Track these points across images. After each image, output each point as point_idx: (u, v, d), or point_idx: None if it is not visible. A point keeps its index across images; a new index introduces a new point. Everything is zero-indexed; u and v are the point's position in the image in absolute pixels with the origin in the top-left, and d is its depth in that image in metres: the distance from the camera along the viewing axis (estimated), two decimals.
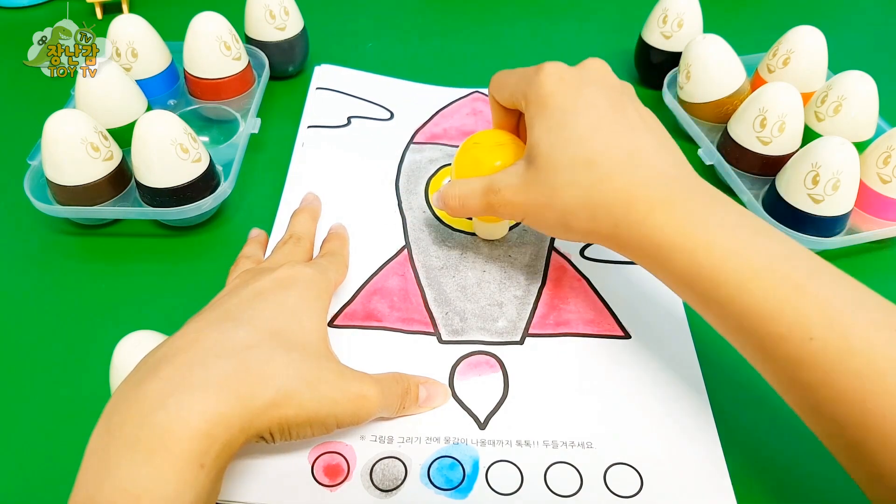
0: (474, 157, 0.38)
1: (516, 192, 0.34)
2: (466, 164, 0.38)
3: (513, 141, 0.38)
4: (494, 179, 0.35)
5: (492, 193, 0.35)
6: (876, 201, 0.43)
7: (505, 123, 0.39)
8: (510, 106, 0.37)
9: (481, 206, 0.36)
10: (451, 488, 0.31)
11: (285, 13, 0.53)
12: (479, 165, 0.37)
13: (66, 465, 0.26)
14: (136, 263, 0.42)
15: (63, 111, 0.39)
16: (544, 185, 0.32)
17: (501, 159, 0.36)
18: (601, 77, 0.34)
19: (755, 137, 0.44)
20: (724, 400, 0.35)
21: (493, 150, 0.37)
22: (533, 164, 0.33)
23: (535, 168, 0.33)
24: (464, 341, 0.37)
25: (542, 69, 0.34)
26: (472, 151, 0.38)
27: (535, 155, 0.33)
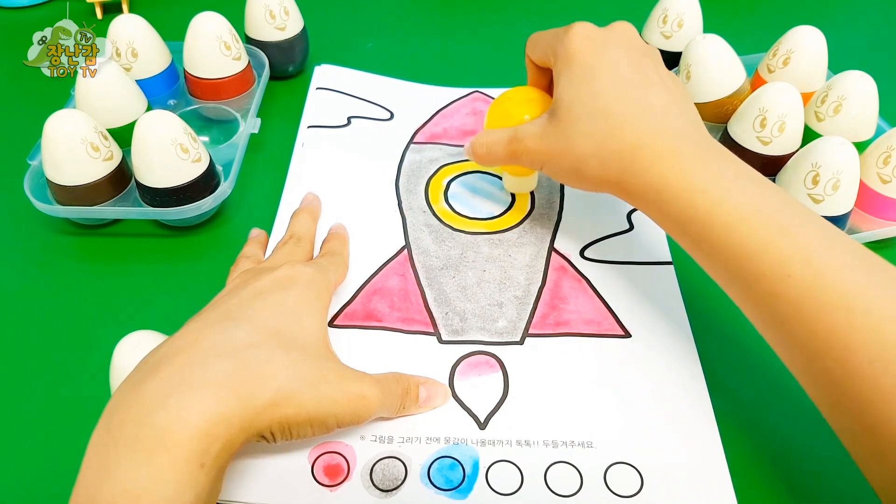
0: (505, 110, 0.40)
1: (538, 140, 0.36)
2: (497, 116, 0.41)
3: (542, 97, 0.40)
4: (519, 129, 0.38)
5: (515, 142, 0.37)
6: (876, 201, 0.43)
7: (537, 81, 0.41)
8: (542, 64, 0.39)
9: (506, 154, 0.38)
10: (452, 488, 0.31)
11: (285, 13, 0.53)
12: (509, 118, 0.39)
13: (66, 465, 0.26)
14: (136, 263, 0.42)
15: (63, 111, 0.39)
16: (563, 134, 0.35)
17: (529, 113, 0.39)
18: (626, 38, 0.36)
19: (755, 137, 0.44)
20: (725, 399, 0.35)
21: (523, 105, 0.40)
22: (555, 115, 0.35)
23: (557, 119, 0.35)
24: (464, 341, 0.37)
25: (571, 28, 0.36)
26: (503, 105, 0.41)
27: (558, 106, 0.35)
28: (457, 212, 0.44)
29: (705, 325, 0.38)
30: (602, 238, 0.43)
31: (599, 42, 0.35)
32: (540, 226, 0.44)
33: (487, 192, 0.46)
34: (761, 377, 0.36)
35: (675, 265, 0.41)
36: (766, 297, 0.29)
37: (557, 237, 0.43)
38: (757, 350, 0.37)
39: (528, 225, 0.44)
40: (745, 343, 0.38)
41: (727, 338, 0.38)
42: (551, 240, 0.43)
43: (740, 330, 0.38)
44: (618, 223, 0.44)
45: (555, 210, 0.45)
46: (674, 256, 0.42)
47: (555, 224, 0.44)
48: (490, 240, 0.43)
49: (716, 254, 0.31)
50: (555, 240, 0.43)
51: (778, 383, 0.36)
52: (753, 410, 0.35)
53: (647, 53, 0.36)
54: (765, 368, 0.37)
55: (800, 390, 0.35)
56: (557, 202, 0.45)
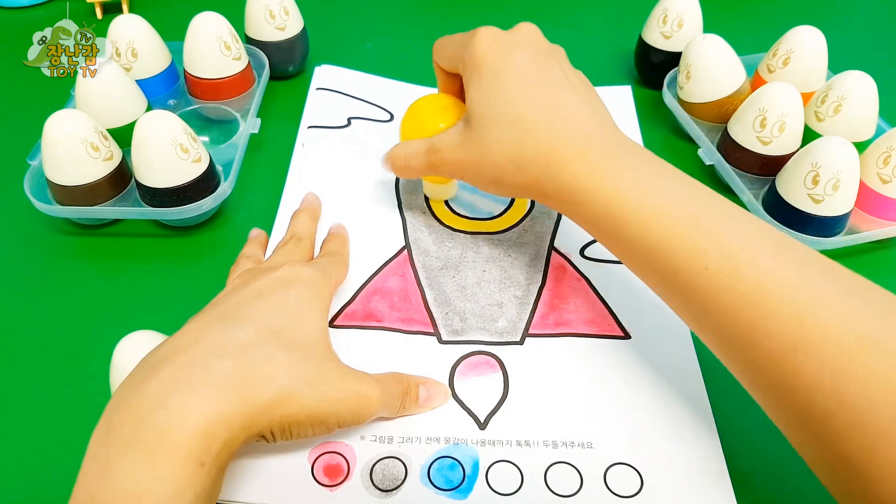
0: (418, 120, 0.40)
1: (455, 150, 0.36)
2: (412, 126, 0.40)
3: (455, 104, 0.40)
4: (435, 140, 0.37)
5: (433, 153, 0.37)
6: (876, 201, 0.43)
7: (449, 87, 0.41)
8: (451, 70, 0.39)
9: (424, 166, 0.38)
10: (452, 488, 0.31)
11: (285, 13, 0.53)
12: (424, 127, 0.39)
13: (66, 465, 0.26)
14: (136, 263, 0.42)
15: (63, 111, 0.39)
16: (478, 143, 0.35)
17: (444, 121, 0.39)
18: (531, 40, 0.36)
19: (755, 137, 0.44)
20: (724, 400, 0.35)
21: (437, 113, 0.39)
22: (469, 124, 0.35)
23: (471, 127, 0.35)
24: (464, 341, 0.37)
25: (476, 33, 0.36)
26: (416, 115, 0.40)
27: (470, 115, 0.35)
28: (456, 212, 0.44)
29: None
30: None
31: (505, 46, 0.35)
32: (540, 225, 0.44)
33: (487, 193, 0.46)
34: None
35: None
36: (685, 290, 0.30)
37: (557, 236, 0.43)
38: None
39: (527, 224, 0.44)
40: None
41: None
42: (551, 239, 0.43)
43: None
44: None
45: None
46: None
47: (554, 223, 0.44)
48: (490, 240, 0.43)
49: (632, 251, 0.31)
50: (554, 239, 0.43)
51: None
52: (752, 410, 0.35)
53: (552, 54, 0.36)
54: None
55: None
56: None
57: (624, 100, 0.55)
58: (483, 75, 0.35)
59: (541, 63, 0.35)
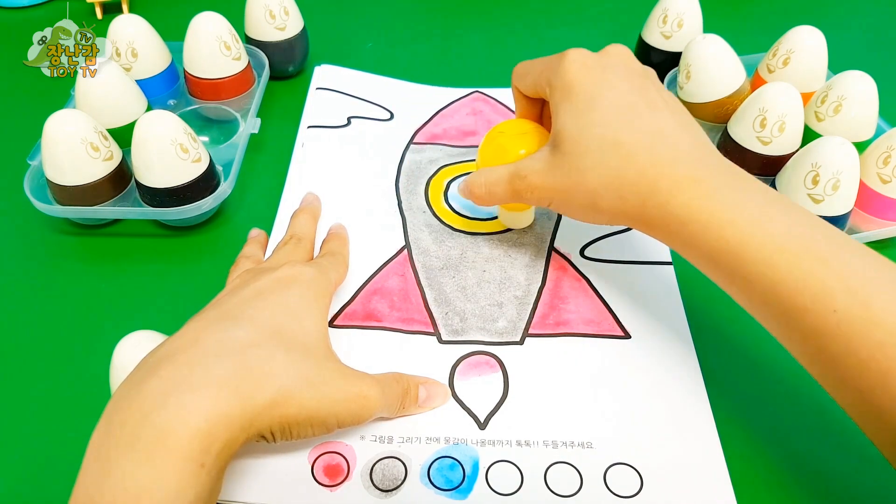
0: (500, 146, 0.38)
1: (543, 176, 0.34)
2: (491, 152, 0.39)
3: (536, 129, 0.38)
4: (520, 166, 0.35)
5: (518, 179, 0.35)
6: (876, 201, 0.43)
7: (528, 113, 0.40)
8: (533, 95, 0.38)
9: (508, 193, 0.36)
10: (451, 489, 0.31)
11: (285, 13, 0.53)
12: (505, 154, 0.37)
13: (66, 465, 0.26)
14: (136, 263, 0.42)
15: (63, 111, 0.39)
16: (571, 168, 0.33)
17: (526, 147, 0.37)
18: (623, 62, 0.35)
19: (755, 137, 0.44)
20: (724, 400, 0.35)
21: (518, 139, 0.38)
22: (559, 148, 0.34)
23: (562, 152, 0.33)
24: (464, 341, 0.37)
25: (565, 56, 0.34)
26: (497, 140, 0.39)
27: (561, 140, 0.33)
28: (457, 212, 0.44)
29: (704, 326, 0.38)
30: (602, 237, 0.43)
31: (597, 68, 0.34)
32: (540, 225, 0.44)
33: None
34: (760, 377, 0.36)
35: (674, 265, 0.41)
36: (810, 332, 0.28)
37: (557, 236, 0.43)
38: (756, 350, 0.37)
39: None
40: (744, 343, 0.38)
41: (726, 338, 0.38)
42: (551, 239, 0.43)
43: (739, 330, 0.38)
44: None
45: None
46: (673, 256, 0.42)
47: (555, 223, 0.44)
48: (490, 240, 0.43)
49: (752, 288, 0.29)
50: (555, 239, 0.43)
51: (777, 383, 0.36)
52: (752, 410, 0.35)
53: (646, 76, 0.35)
54: (763, 368, 0.37)
55: (799, 390, 0.36)
56: None
57: None
58: (575, 99, 0.33)
59: (637, 85, 0.33)
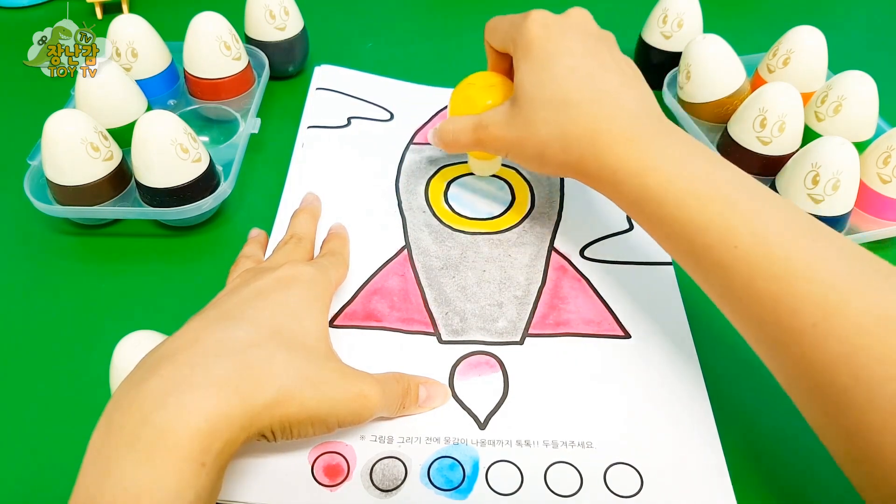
0: (468, 97, 0.41)
1: (502, 128, 0.37)
2: (461, 102, 0.41)
3: (503, 82, 0.41)
4: (483, 117, 0.39)
5: (480, 129, 0.39)
6: (876, 201, 0.43)
7: (498, 66, 0.42)
8: (501, 50, 0.40)
9: (471, 141, 0.40)
10: (451, 489, 0.31)
11: (285, 13, 0.53)
12: (472, 104, 0.40)
13: (66, 465, 0.26)
14: (136, 263, 0.42)
15: (63, 111, 0.39)
16: (525, 122, 0.36)
17: (492, 98, 0.40)
18: (582, 24, 0.37)
19: (755, 137, 0.44)
20: (724, 400, 0.35)
21: (485, 91, 0.40)
22: (517, 102, 0.37)
23: (518, 106, 0.36)
24: (464, 341, 0.37)
25: (528, 16, 0.37)
26: (466, 91, 0.41)
27: (519, 94, 0.36)
28: (457, 212, 0.44)
29: (705, 326, 0.38)
30: (602, 238, 0.43)
31: (556, 29, 0.36)
32: (540, 225, 0.44)
33: (487, 193, 0.46)
34: (760, 377, 0.36)
35: (674, 265, 0.41)
36: (714, 267, 0.31)
37: (557, 237, 0.43)
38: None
39: (527, 225, 0.44)
40: (744, 343, 0.38)
41: (726, 338, 0.38)
42: (551, 239, 0.43)
43: None
44: (618, 223, 0.44)
45: (555, 210, 0.45)
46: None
47: (555, 224, 0.44)
48: (490, 240, 0.43)
49: (668, 229, 0.32)
50: (555, 239, 0.43)
51: (777, 383, 0.36)
52: (752, 410, 0.35)
53: (601, 38, 0.37)
54: (764, 368, 0.36)
55: None
56: (557, 202, 0.45)
57: None
58: (533, 57, 0.36)
59: (591, 47, 0.36)
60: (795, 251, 0.29)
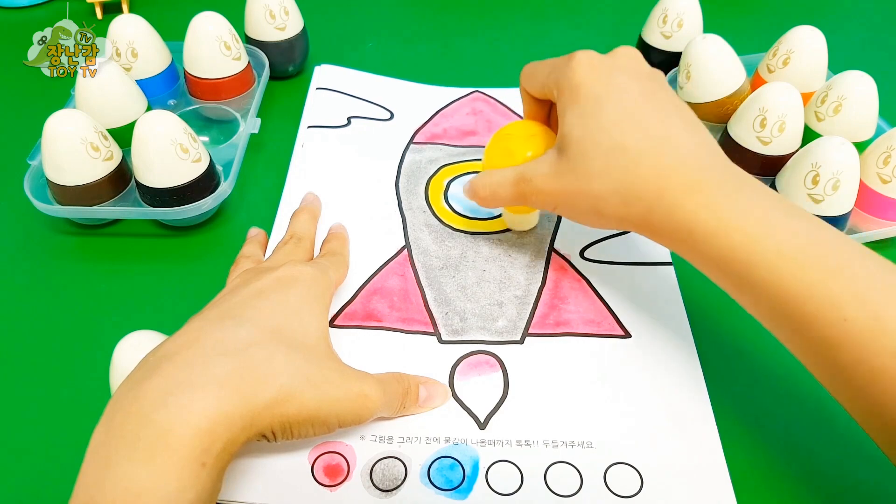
0: (506, 148, 0.38)
1: (548, 180, 0.34)
2: (497, 154, 0.38)
3: (544, 132, 0.38)
4: (526, 169, 0.35)
5: (523, 182, 0.35)
6: (876, 201, 0.43)
7: (536, 114, 0.39)
8: (541, 96, 0.37)
9: (512, 196, 0.36)
10: (451, 489, 0.31)
11: (285, 13, 0.53)
12: (511, 156, 0.37)
13: (66, 465, 0.26)
14: (136, 263, 0.42)
15: (63, 111, 0.39)
16: (577, 173, 0.32)
17: (533, 150, 0.36)
18: (632, 64, 0.34)
19: (755, 137, 0.44)
20: (725, 399, 0.35)
21: (525, 141, 0.37)
22: (565, 152, 0.33)
23: (567, 156, 0.33)
24: (464, 341, 0.37)
25: (573, 58, 0.34)
26: (503, 142, 0.38)
27: (567, 143, 0.33)
28: (457, 212, 0.44)
29: (705, 326, 0.38)
30: (602, 239, 0.43)
31: (605, 71, 0.33)
32: (540, 226, 0.44)
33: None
34: (760, 377, 0.36)
35: (674, 266, 0.41)
36: (819, 342, 0.27)
37: (557, 237, 0.43)
38: (756, 350, 0.37)
39: None
40: (745, 343, 0.38)
41: (727, 338, 0.38)
42: (551, 240, 0.43)
43: (740, 330, 0.38)
44: None
45: None
46: (673, 257, 0.42)
47: (555, 224, 0.44)
48: (490, 239, 0.43)
49: (760, 296, 0.29)
50: (555, 240, 0.43)
51: (777, 383, 0.36)
52: (753, 410, 0.35)
53: (654, 78, 0.34)
54: (764, 368, 0.37)
55: (799, 390, 0.35)
56: None
57: None
58: (582, 101, 0.32)
59: (644, 88, 0.33)
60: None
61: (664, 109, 0.32)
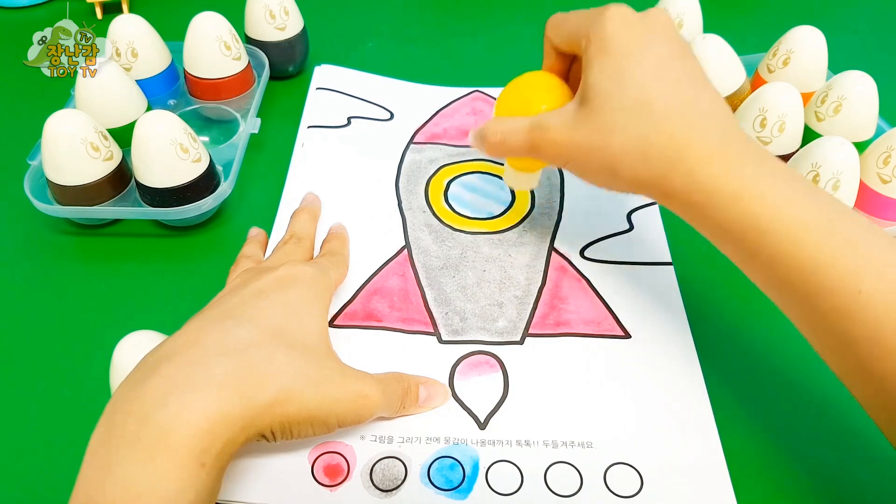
0: (522, 96, 0.36)
1: (566, 131, 0.32)
2: (513, 102, 0.36)
3: (561, 86, 0.36)
4: (543, 117, 0.34)
5: (538, 131, 0.33)
6: (876, 201, 0.43)
7: (556, 68, 0.37)
8: (567, 48, 0.35)
9: (524, 145, 0.34)
10: (451, 489, 0.31)
11: (285, 13, 0.53)
12: (527, 105, 0.35)
13: (66, 465, 0.26)
14: (136, 263, 0.42)
15: (63, 111, 0.39)
16: (597, 127, 0.31)
17: (548, 103, 0.35)
18: (666, 26, 0.33)
19: (755, 137, 0.44)
20: (724, 400, 0.35)
21: (542, 93, 0.36)
22: (587, 104, 0.32)
23: (589, 109, 0.32)
24: (464, 341, 0.37)
25: (606, 10, 0.32)
26: (521, 91, 0.36)
27: (590, 96, 0.32)
28: (457, 212, 0.44)
29: (705, 326, 0.38)
30: (602, 238, 0.43)
31: (639, 28, 0.32)
32: (540, 225, 0.44)
33: (487, 192, 0.46)
34: (760, 377, 0.36)
35: (674, 266, 0.41)
36: (833, 313, 0.27)
37: (557, 237, 0.43)
38: (756, 350, 0.37)
39: (528, 224, 0.44)
40: (745, 343, 0.38)
41: (726, 338, 0.38)
42: (551, 240, 0.43)
43: (740, 330, 0.38)
44: (618, 223, 0.44)
45: (555, 210, 0.45)
46: (674, 257, 0.42)
47: (555, 224, 0.44)
48: (490, 240, 0.43)
49: (775, 266, 0.28)
50: (555, 239, 0.43)
51: (777, 383, 0.36)
52: (753, 410, 0.35)
53: (688, 46, 0.33)
54: (764, 368, 0.37)
55: (800, 390, 0.35)
56: (557, 202, 0.45)
57: None
58: (611, 55, 0.31)
59: (677, 50, 0.32)
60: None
61: (694, 73, 0.31)
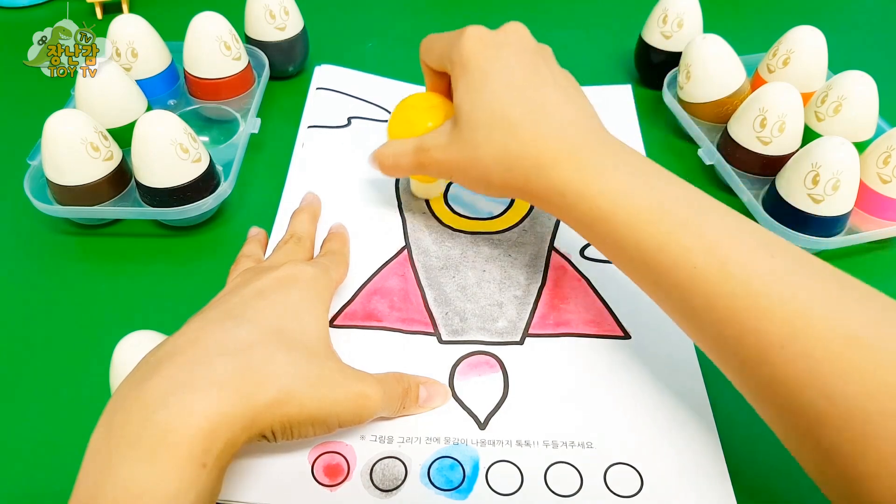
0: (407, 119, 0.40)
1: (443, 150, 0.36)
2: (400, 125, 0.40)
3: (444, 103, 0.40)
4: (424, 139, 0.37)
5: (421, 152, 0.37)
6: (876, 201, 0.43)
7: (437, 86, 0.41)
8: (439, 69, 0.39)
9: (412, 165, 0.38)
10: (452, 489, 0.31)
11: (285, 13, 0.53)
12: (412, 126, 0.39)
13: (66, 465, 0.26)
14: (136, 263, 0.42)
15: (63, 111, 0.39)
16: (466, 143, 0.35)
17: (433, 120, 0.39)
18: (518, 39, 0.36)
19: (755, 137, 0.44)
20: (724, 399, 0.35)
21: (425, 112, 0.39)
22: (457, 123, 0.35)
23: (459, 127, 0.35)
24: (464, 341, 0.37)
25: (463, 33, 0.36)
26: (405, 113, 0.40)
27: (458, 115, 0.35)
28: (457, 212, 0.44)
29: None
30: None
31: (492, 45, 0.35)
32: (540, 225, 0.44)
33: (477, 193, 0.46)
34: None
35: None
36: (673, 290, 0.30)
37: (557, 237, 0.43)
38: None
39: (527, 224, 0.44)
40: None
41: None
42: (551, 239, 0.43)
43: None
44: None
45: None
46: None
47: (555, 223, 0.44)
48: (490, 240, 0.43)
49: (621, 251, 0.32)
50: (555, 239, 0.43)
51: None
52: (753, 410, 0.35)
53: (538, 52, 0.36)
54: None
55: None
56: None
57: (624, 99, 0.55)
58: (470, 74, 0.35)
59: (527, 62, 0.35)
60: (755, 268, 0.28)
61: (544, 82, 0.34)
